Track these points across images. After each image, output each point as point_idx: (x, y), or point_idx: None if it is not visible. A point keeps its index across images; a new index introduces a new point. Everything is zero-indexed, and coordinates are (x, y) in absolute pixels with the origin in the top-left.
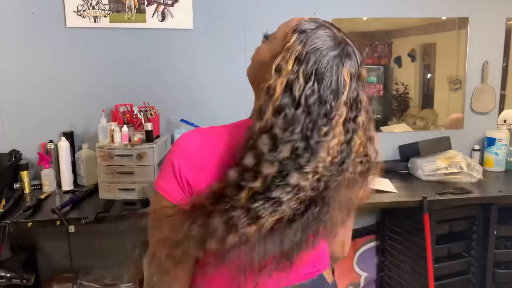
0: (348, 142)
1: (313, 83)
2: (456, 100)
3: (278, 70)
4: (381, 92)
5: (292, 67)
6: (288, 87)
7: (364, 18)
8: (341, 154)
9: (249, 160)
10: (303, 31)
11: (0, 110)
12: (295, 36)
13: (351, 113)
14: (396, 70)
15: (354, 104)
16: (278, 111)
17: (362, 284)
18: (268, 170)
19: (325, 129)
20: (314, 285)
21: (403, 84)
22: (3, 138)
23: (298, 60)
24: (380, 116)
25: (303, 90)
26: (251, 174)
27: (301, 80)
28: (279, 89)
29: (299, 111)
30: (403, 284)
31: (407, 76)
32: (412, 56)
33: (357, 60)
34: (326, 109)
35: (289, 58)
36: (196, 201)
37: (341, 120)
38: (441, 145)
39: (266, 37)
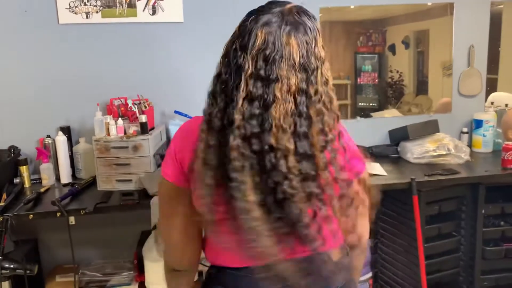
0: (260, 103)
1: (234, 38)
2: (449, 85)
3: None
4: (376, 80)
5: (232, 36)
6: (225, 52)
7: (352, 6)
8: (252, 111)
9: (204, 125)
10: (255, 12)
11: None
12: (245, 18)
13: (259, 71)
14: (390, 58)
15: (264, 63)
16: (218, 75)
17: None
18: (216, 124)
19: (237, 80)
20: (314, 260)
21: (397, 72)
22: (1, 135)
23: (237, 29)
24: (375, 104)
25: (228, 44)
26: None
27: (231, 37)
28: (222, 56)
29: (225, 63)
30: (396, 264)
31: (401, 64)
32: (406, 43)
33: (285, 26)
34: (237, 62)
35: (238, 36)
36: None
37: (248, 73)
38: (429, 128)
39: None
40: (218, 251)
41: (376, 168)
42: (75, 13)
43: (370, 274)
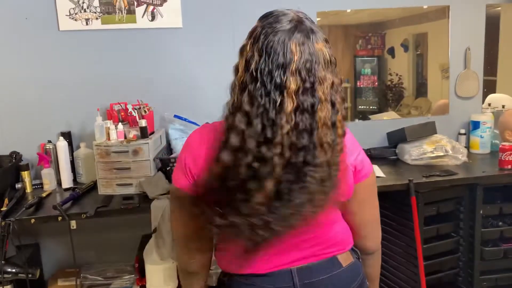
0: (309, 111)
1: (265, 58)
2: (447, 87)
3: (241, 51)
4: (376, 83)
5: (250, 46)
6: (248, 64)
7: (348, 10)
8: (301, 121)
9: (234, 140)
10: (264, 16)
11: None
12: (257, 22)
13: (305, 83)
14: (390, 61)
15: (307, 74)
16: (243, 88)
17: None
18: (251, 144)
19: (279, 99)
20: (324, 266)
21: (397, 75)
22: (3, 141)
23: (254, 39)
24: (375, 107)
25: (258, 64)
26: (242, 152)
27: (256, 56)
28: (241, 68)
29: (258, 85)
30: (395, 265)
31: (400, 67)
32: (405, 46)
33: (308, 34)
34: (275, 81)
35: (248, 39)
36: (199, 184)
37: (292, 89)
38: (427, 129)
39: None
40: (227, 257)
41: (374, 170)
42: (75, 19)
43: None
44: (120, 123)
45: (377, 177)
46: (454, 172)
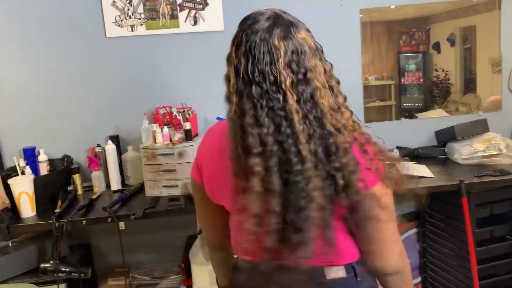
0: (311, 100)
1: (252, 60)
2: (499, 82)
3: (228, 60)
4: (421, 80)
5: (234, 52)
6: (237, 71)
7: (392, 6)
8: (309, 111)
9: (252, 140)
10: (243, 20)
11: (50, 120)
12: (237, 27)
13: (298, 75)
14: (435, 56)
15: (297, 66)
16: (239, 94)
17: None
18: (272, 145)
19: (279, 95)
20: (310, 272)
21: (443, 70)
22: (55, 145)
23: (237, 45)
24: (421, 105)
25: (247, 68)
26: (266, 155)
27: (243, 60)
28: (231, 75)
29: (253, 88)
30: (446, 269)
31: (447, 62)
32: (451, 40)
33: (288, 27)
34: (270, 79)
35: (232, 46)
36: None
37: (288, 82)
38: (478, 127)
39: None
40: (236, 242)
41: (422, 170)
42: (121, 26)
43: (419, 279)
44: (165, 126)
45: (425, 177)
46: (509, 171)
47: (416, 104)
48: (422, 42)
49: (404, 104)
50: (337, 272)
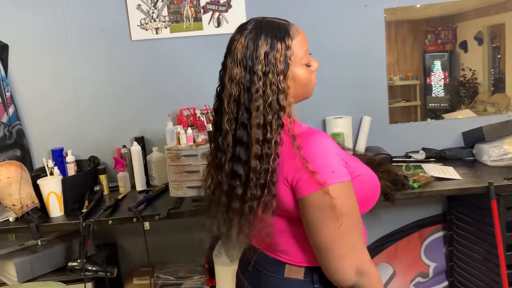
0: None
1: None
2: None
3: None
4: (447, 80)
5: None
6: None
7: (418, 5)
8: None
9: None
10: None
11: (78, 121)
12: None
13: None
14: (462, 55)
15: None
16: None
17: (431, 274)
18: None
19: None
20: (271, 262)
21: (470, 70)
22: (83, 146)
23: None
24: (447, 105)
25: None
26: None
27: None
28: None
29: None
30: (474, 273)
31: (474, 61)
32: (479, 39)
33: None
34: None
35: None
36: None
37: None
38: (508, 128)
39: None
40: None
41: (450, 171)
42: (146, 29)
43: (445, 283)
44: (189, 128)
45: (453, 179)
46: None
47: (442, 104)
48: (448, 41)
49: (430, 105)
50: (296, 273)
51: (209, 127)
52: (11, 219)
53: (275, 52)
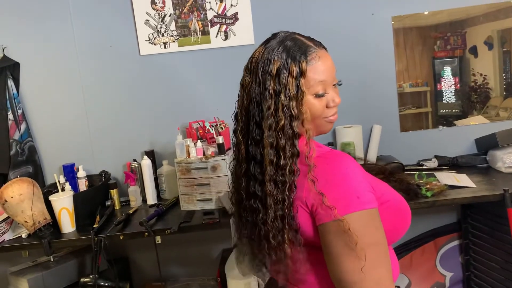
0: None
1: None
2: None
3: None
4: (458, 85)
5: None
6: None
7: (426, 13)
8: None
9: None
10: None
11: (88, 136)
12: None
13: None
14: (472, 61)
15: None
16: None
17: (447, 284)
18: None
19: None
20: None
21: (481, 75)
22: (94, 161)
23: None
24: (458, 111)
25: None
26: None
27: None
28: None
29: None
30: (492, 282)
31: (485, 66)
32: (489, 44)
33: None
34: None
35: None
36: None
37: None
38: None
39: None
40: None
41: (463, 179)
42: (154, 44)
43: None
44: (198, 141)
45: (467, 187)
46: None
47: (454, 110)
48: (457, 46)
49: (441, 111)
50: None
51: (219, 139)
52: (23, 236)
53: (287, 74)
